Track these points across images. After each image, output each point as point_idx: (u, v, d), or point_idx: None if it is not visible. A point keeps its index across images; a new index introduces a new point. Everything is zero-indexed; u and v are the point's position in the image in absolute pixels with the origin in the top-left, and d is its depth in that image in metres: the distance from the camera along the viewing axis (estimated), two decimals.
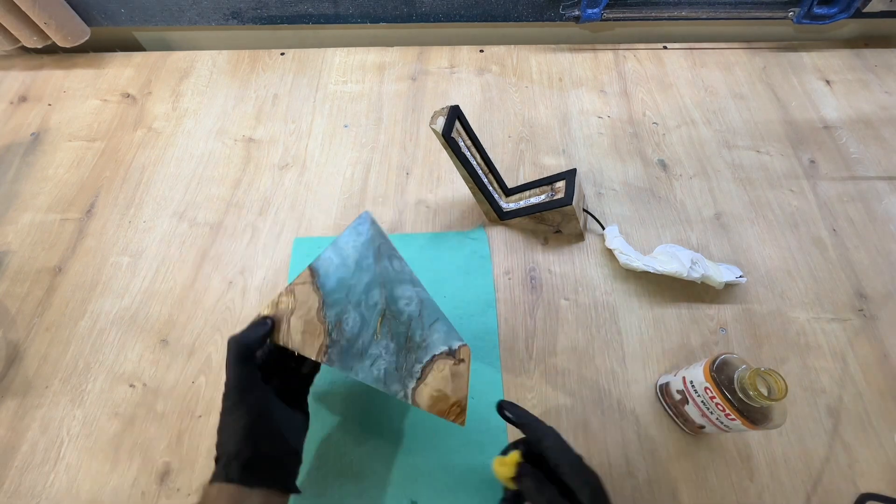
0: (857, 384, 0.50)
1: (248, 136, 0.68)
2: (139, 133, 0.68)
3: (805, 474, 0.46)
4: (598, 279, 0.56)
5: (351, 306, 0.38)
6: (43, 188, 0.63)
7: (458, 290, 0.55)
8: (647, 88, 0.74)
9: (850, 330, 0.53)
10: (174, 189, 0.63)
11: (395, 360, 0.38)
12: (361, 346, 0.37)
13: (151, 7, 0.74)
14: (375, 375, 0.37)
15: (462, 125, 0.53)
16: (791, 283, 0.56)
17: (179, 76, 0.74)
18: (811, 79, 0.75)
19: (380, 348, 0.37)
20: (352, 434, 0.47)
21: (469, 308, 0.54)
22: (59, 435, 0.47)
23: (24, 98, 0.72)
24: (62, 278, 0.56)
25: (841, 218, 0.61)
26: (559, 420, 0.48)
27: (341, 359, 0.37)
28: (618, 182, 0.64)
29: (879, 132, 0.69)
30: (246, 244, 0.59)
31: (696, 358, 0.50)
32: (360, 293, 0.38)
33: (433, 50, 0.77)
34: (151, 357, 0.51)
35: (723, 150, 0.67)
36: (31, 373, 0.50)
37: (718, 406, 0.40)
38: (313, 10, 0.75)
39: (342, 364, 0.37)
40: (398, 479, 0.44)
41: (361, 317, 0.38)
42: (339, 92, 0.73)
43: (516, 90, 0.73)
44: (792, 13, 0.72)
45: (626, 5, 0.74)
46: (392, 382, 0.37)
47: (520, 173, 0.65)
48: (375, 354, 0.37)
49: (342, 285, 0.38)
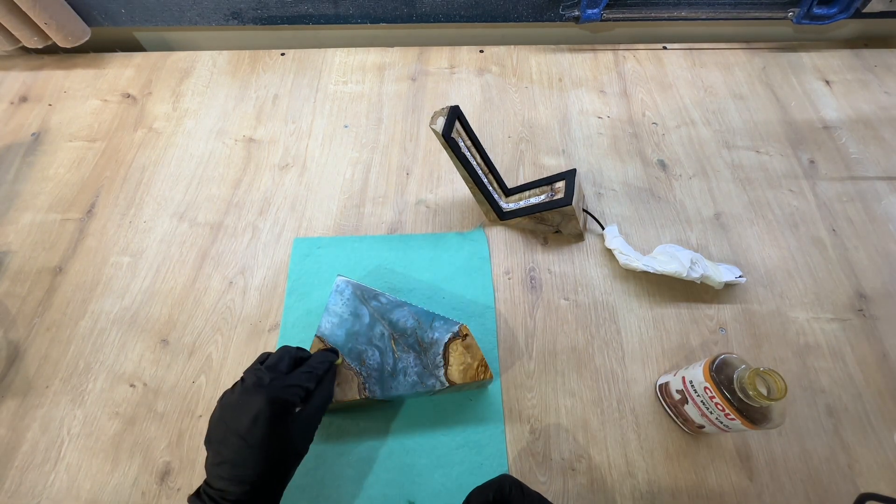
0: (856, 384, 0.50)
1: (249, 137, 0.68)
2: (139, 133, 0.68)
3: (805, 474, 0.46)
4: (597, 279, 0.56)
5: (365, 346, 0.45)
6: (43, 188, 0.63)
7: (457, 291, 0.55)
8: (647, 89, 0.74)
9: (850, 330, 0.53)
10: (174, 189, 0.63)
11: (420, 363, 0.45)
12: (391, 369, 0.44)
13: (152, 7, 0.74)
14: (413, 381, 0.44)
15: (462, 125, 0.53)
16: (791, 283, 0.56)
17: (180, 76, 0.74)
18: (811, 79, 0.75)
19: (404, 363, 0.45)
20: (350, 435, 0.47)
21: (468, 309, 0.54)
22: (59, 435, 0.47)
23: (24, 98, 0.72)
24: (63, 278, 0.56)
25: (840, 218, 0.61)
26: (559, 420, 0.48)
27: (381, 387, 0.43)
28: (617, 182, 0.64)
29: (879, 132, 0.69)
30: (246, 244, 0.59)
31: (696, 358, 0.50)
32: (367, 333, 0.46)
33: (433, 50, 0.77)
34: (152, 357, 0.51)
35: (722, 151, 0.67)
36: (32, 373, 0.50)
37: (718, 406, 0.40)
38: (313, 11, 0.75)
39: (383, 390, 0.43)
40: (396, 479, 0.45)
41: (377, 349, 0.45)
42: (339, 92, 0.73)
43: (516, 90, 0.73)
44: (791, 13, 0.72)
45: (626, 5, 0.74)
46: (427, 379, 0.44)
47: (520, 173, 0.65)
48: (403, 368, 0.44)
49: (350, 336, 0.45)
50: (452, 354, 0.45)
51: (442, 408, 0.48)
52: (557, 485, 0.45)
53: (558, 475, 0.46)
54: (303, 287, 0.55)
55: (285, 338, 0.52)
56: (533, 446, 0.47)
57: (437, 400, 0.48)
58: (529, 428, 0.48)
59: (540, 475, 0.46)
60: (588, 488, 0.45)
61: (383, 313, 0.47)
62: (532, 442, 0.47)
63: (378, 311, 0.47)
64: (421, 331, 0.46)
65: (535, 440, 0.47)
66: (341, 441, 0.46)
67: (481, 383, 0.46)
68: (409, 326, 0.46)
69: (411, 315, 0.47)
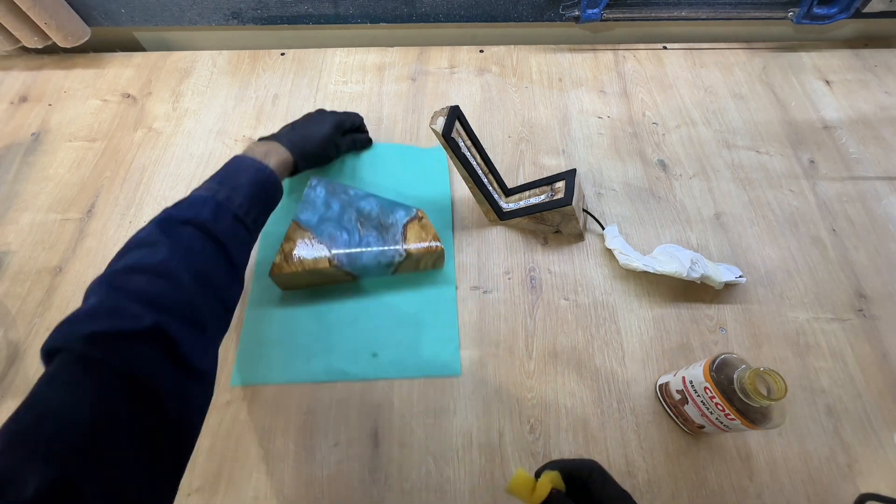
0: (856, 384, 0.50)
1: (249, 137, 0.68)
2: (139, 133, 0.68)
3: (805, 474, 0.46)
4: (597, 279, 0.56)
5: (335, 228, 0.53)
6: (43, 188, 0.63)
7: (417, 193, 0.62)
8: (647, 89, 0.74)
9: (850, 330, 0.53)
10: (175, 189, 0.63)
11: (381, 239, 0.53)
12: (356, 243, 0.52)
13: (152, 7, 0.74)
14: (375, 253, 0.52)
15: (462, 125, 0.53)
16: (791, 283, 0.56)
17: (180, 76, 0.74)
18: (811, 79, 0.75)
19: (368, 239, 0.53)
20: (323, 305, 0.54)
21: (427, 207, 0.58)
22: None
23: (24, 98, 0.72)
24: (63, 278, 0.56)
25: (840, 218, 0.61)
26: (559, 420, 0.48)
27: (348, 257, 0.52)
28: (617, 182, 0.64)
29: (879, 132, 0.69)
30: None
31: (696, 358, 0.50)
32: (336, 219, 0.54)
33: (433, 50, 0.77)
34: None
35: (722, 151, 0.67)
36: (32, 373, 0.50)
37: (718, 406, 0.40)
38: (313, 10, 0.75)
39: (350, 260, 0.51)
40: (362, 336, 0.53)
41: (346, 230, 0.53)
42: (339, 92, 0.73)
43: (516, 90, 0.73)
44: (792, 13, 0.72)
45: (626, 5, 0.74)
46: (388, 251, 0.52)
47: (520, 173, 0.65)
48: (367, 242, 0.53)
49: (321, 220, 0.53)
50: (410, 231, 0.53)
51: (401, 284, 0.56)
52: None
53: None
54: None
55: (265, 230, 0.55)
56: (533, 446, 0.47)
57: (397, 278, 0.56)
58: (529, 428, 0.48)
59: None
60: None
61: (351, 203, 0.55)
62: (532, 442, 0.47)
63: (346, 202, 0.55)
64: (384, 215, 0.54)
65: (535, 440, 0.47)
66: (315, 309, 0.54)
67: (436, 256, 0.54)
68: (374, 212, 0.54)
69: (376, 204, 0.55)
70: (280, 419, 0.48)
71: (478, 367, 0.51)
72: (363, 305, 0.54)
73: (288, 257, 0.51)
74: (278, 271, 0.50)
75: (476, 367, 0.51)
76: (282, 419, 0.48)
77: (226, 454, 0.47)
